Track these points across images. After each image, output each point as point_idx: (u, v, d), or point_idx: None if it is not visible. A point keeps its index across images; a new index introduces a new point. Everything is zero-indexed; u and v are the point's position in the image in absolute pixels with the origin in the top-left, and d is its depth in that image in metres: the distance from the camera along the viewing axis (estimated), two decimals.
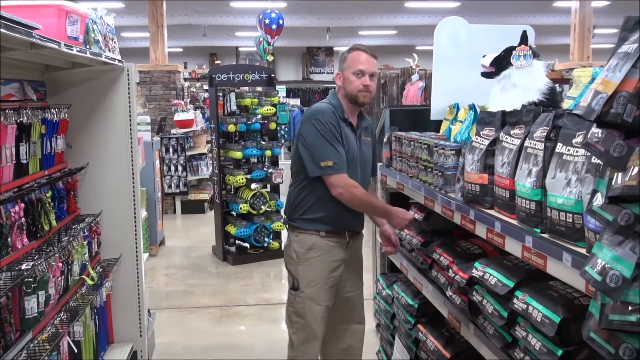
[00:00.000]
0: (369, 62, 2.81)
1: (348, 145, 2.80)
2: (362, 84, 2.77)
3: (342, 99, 2.86)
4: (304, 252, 2.86)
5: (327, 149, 2.72)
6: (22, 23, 2.07)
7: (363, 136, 2.93)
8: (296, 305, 2.86)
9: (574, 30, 9.94)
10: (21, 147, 2.57)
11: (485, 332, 2.18)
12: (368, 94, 2.81)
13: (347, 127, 2.83)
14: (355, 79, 2.78)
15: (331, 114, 2.78)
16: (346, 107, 2.85)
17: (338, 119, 2.79)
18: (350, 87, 2.80)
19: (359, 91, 2.78)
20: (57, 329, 2.70)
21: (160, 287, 5.78)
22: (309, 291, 2.84)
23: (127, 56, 3.69)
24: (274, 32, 10.25)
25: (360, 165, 2.88)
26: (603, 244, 1.31)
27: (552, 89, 2.58)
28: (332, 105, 2.84)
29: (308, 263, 2.85)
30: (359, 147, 2.88)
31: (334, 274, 2.87)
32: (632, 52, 1.24)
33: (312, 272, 2.84)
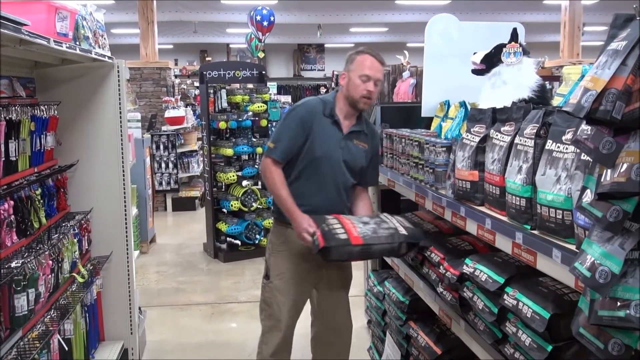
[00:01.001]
0: (376, 69, 2.79)
1: (320, 141, 2.77)
2: (366, 89, 2.76)
3: (341, 99, 2.84)
4: (277, 243, 2.90)
5: (280, 133, 2.80)
6: (11, 19, 2.06)
7: (356, 140, 2.88)
8: (265, 294, 2.91)
9: (564, 27, 9.99)
10: (10, 144, 2.55)
11: (476, 328, 2.19)
12: (368, 100, 2.80)
13: (332, 125, 2.81)
14: (359, 82, 2.76)
15: (310, 107, 2.81)
16: (341, 107, 2.84)
17: (318, 114, 2.79)
18: (354, 90, 2.78)
19: (362, 97, 2.77)
20: (48, 327, 2.68)
21: (151, 285, 5.76)
22: (277, 282, 2.86)
23: (117, 53, 3.67)
24: (265, 28, 10.22)
25: (337, 167, 2.82)
26: (592, 240, 1.32)
27: (542, 86, 2.59)
28: (322, 100, 2.86)
29: (279, 254, 2.88)
30: (344, 147, 2.83)
31: (305, 268, 2.85)
32: (621, 49, 1.25)
33: (281, 264, 2.87)
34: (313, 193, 2.79)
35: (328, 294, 2.99)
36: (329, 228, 2.59)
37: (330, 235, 2.55)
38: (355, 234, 2.57)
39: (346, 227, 2.60)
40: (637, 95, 1.21)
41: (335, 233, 2.56)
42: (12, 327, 2.35)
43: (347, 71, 2.82)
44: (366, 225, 2.64)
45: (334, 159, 2.81)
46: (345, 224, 2.63)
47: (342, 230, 2.58)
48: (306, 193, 2.79)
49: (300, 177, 2.81)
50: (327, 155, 2.79)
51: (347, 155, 2.85)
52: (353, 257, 2.65)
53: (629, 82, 1.21)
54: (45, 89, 3.33)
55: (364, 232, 2.58)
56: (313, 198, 2.79)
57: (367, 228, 2.61)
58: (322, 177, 2.80)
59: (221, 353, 4.14)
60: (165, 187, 9.01)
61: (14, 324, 2.37)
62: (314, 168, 2.79)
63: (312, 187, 2.80)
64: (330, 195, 2.82)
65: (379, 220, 2.71)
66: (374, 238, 2.58)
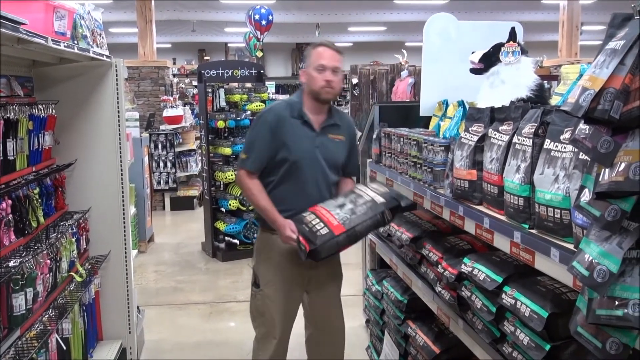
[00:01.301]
0: (332, 57, 2.73)
1: (294, 144, 2.72)
2: (324, 79, 2.70)
3: (306, 96, 2.79)
4: (264, 250, 2.85)
5: (251, 143, 2.77)
6: (9, 18, 2.05)
7: (331, 134, 2.83)
8: (257, 302, 2.86)
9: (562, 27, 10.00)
10: (8, 144, 2.54)
11: (474, 327, 2.19)
12: (330, 89, 2.72)
13: (302, 125, 2.76)
14: (317, 74, 2.71)
15: (277, 111, 2.77)
16: (309, 104, 2.78)
17: (286, 117, 2.74)
18: (313, 83, 2.73)
19: (322, 87, 2.70)
20: (46, 326, 2.68)
21: (149, 284, 5.76)
22: (267, 290, 2.81)
23: (115, 52, 3.67)
24: (263, 28, 10.22)
25: (317, 167, 2.78)
26: (590, 239, 1.32)
27: (541, 86, 2.60)
28: (288, 102, 2.82)
29: (267, 262, 2.83)
30: (319, 145, 2.77)
31: (294, 273, 2.81)
32: (619, 48, 1.25)
33: (270, 271, 2.82)
34: (295, 197, 2.73)
35: (319, 297, 2.93)
36: (309, 227, 2.56)
37: (312, 236, 2.52)
38: (335, 223, 2.53)
39: (324, 219, 2.56)
40: (635, 95, 1.21)
41: (316, 230, 2.53)
42: (10, 327, 2.35)
43: (306, 68, 2.79)
44: (343, 209, 2.60)
45: (311, 160, 2.75)
46: (322, 215, 2.59)
47: (321, 224, 2.54)
48: (288, 198, 2.74)
49: (281, 183, 2.76)
50: (304, 157, 2.74)
51: (325, 152, 2.79)
52: (342, 246, 2.59)
53: (627, 82, 1.21)
54: (43, 88, 3.33)
55: (343, 217, 2.55)
56: (296, 202, 2.72)
57: (345, 211, 2.58)
58: (302, 179, 2.74)
59: (219, 352, 4.14)
60: (163, 186, 9.00)
61: (12, 323, 2.36)
62: (292, 172, 2.74)
63: (293, 192, 2.75)
64: (312, 197, 2.74)
65: (354, 197, 2.67)
66: (354, 220, 2.55)
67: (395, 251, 3.24)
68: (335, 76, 2.73)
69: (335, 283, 3.00)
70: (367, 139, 4.16)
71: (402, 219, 3.17)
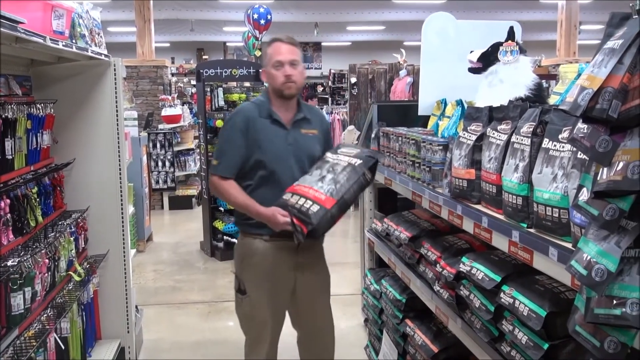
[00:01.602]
0: (287, 51, 2.68)
1: (266, 145, 2.66)
2: (283, 74, 2.65)
3: (272, 95, 2.75)
4: (246, 256, 2.77)
5: (221, 149, 2.72)
6: (7, 17, 2.05)
7: (303, 129, 2.77)
8: (244, 308, 2.79)
9: (561, 26, 10.01)
10: (6, 143, 2.54)
11: (473, 327, 2.19)
12: (292, 84, 2.67)
13: (272, 124, 2.70)
14: (275, 72, 2.66)
15: (245, 113, 2.71)
16: (276, 102, 2.73)
17: (255, 118, 2.68)
18: (274, 81, 2.68)
19: (282, 83, 2.65)
20: (44, 326, 2.68)
21: (148, 283, 5.76)
22: (254, 295, 2.74)
23: (113, 51, 3.66)
24: (262, 27, 10.21)
25: (295, 159, 2.71)
26: (589, 238, 1.32)
27: (539, 85, 2.60)
28: (256, 103, 2.77)
29: (251, 268, 2.75)
30: (292, 142, 2.71)
31: (282, 279, 2.75)
32: (618, 48, 1.25)
33: (255, 277, 2.74)
34: (275, 198, 2.63)
35: (305, 298, 2.84)
36: (297, 208, 2.50)
37: (305, 215, 2.46)
38: (323, 198, 2.49)
39: (310, 197, 2.51)
40: (634, 94, 1.21)
41: (306, 209, 2.47)
42: (8, 326, 2.35)
43: (265, 67, 2.75)
44: (324, 180, 2.56)
45: (285, 158, 2.69)
46: (305, 193, 2.54)
47: (309, 202, 2.49)
48: (268, 199, 2.64)
49: (258, 186, 2.69)
50: (277, 157, 2.68)
51: (299, 148, 2.73)
52: (336, 218, 2.53)
53: (625, 81, 1.21)
54: (41, 87, 3.33)
55: (329, 189, 2.51)
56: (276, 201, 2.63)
57: (328, 182, 2.54)
58: (279, 180, 2.67)
59: (218, 351, 4.14)
60: (162, 185, 9.00)
61: (11, 323, 2.36)
62: (268, 174, 2.67)
63: (272, 193, 2.65)
64: None
65: (329, 166, 2.62)
66: (340, 189, 2.52)
67: (393, 250, 3.24)
68: (295, 69, 2.67)
69: (321, 283, 2.92)
70: (365, 138, 4.16)
71: (400, 218, 3.18)
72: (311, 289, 2.85)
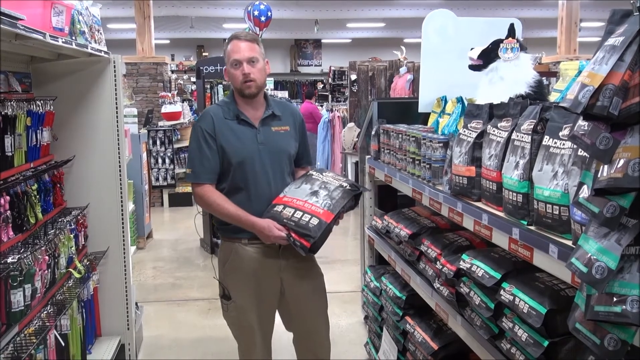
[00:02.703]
0: (243, 49, 2.59)
1: (233, 147, 2.60)
2: (241, 73, 2.58)
3: (236, 94, 2.69)
4: (228, 260, 2.70)
5: (191, 156, 2.65)
6: (6, 14, 2.05)
7: (274, 127, 2.69)
8: (231, 314, 2.74)
9: (561, 23, 9.99)
10: (6, 139, 2.54)
11: (473, 324, 2.19)
12: (251, 82, 2.59)
13: (239, 124, 2.64)
14: (233, 71, 2.60)
15: (209, 117, 2.64)
16: (241, 101, 2.67)
17: (220, 120, 2.63)
18: (233, 81, 2.63)
19: (241, 83, 2.59)
20: (44, 323, 2.68)
21: (148, 280, 5.76)
22: (240, 300, 2.69)
23: (113, 48, 3.66)
24: (262, 24, 10.19)
25: (270, 159, 2.64)
26: (589, 235, 1.32)
27: (539, 82, 2.60)
28: (220, 105, 2.72)
29: (235, 272, 2.69)
30: (263, 141, 2.64)
31: (266, 282, 2.68)
32: (619, 45, 1.24)
33: (240, 281, 2.68)
34: (251, 200, 2.60)
35: (296, 301, 2.77)
36: (294, 222, 2.47)
37: (304, 229, 2.45)
38: (321, 211, 2.49)
39: (306, 210, 2.49)
40: (634, 91, 1.21)
41: (305, 222, 2.45)
42: (8, 323, 2.35)
43: (225, 66, 2.68)
44: (319, 195, 2.56)
45: (258, 158, 2.62)
46: (300, 207, 2.51)
47: (307, 215, 2.47)
48: (244, 202, 2.59)
49: (233, 189, 2.63)
50: (247, 158, 2.61)
51: (271, 147, 2.65)
52: (330, 232, 2.54)
53: (626, 78, 1.21)
54: (41, 83, 3.32)
55: (326, 204, 2.52)
56: (253, 205, 2.59)
57: (323, 197, 2.55)
58: (253, 181, 2.61)
59: (218, 348, 4.14)
60: (162, 182, 9.00)
61: (11, 320, 2.37)
62: (241, 175, 2.61)
63: (246, 195, 2.62)
64: (268, 196, 2.62)
65: (320, 183, 2.62)
66: (337, 205, 2.53)
67: (393, 248, 3.24)
68: (253, 67, 2.59)
69: (312, 284, 2.83)
70: (365, 136, 4.16)
71: (400, 216, 3.17)
72: (301, 291, 2.77)
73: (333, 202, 2.54)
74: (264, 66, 2.67)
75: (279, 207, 2.55)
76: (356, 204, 2.70)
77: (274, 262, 2.67)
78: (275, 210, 2.54)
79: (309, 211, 2.50)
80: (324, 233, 2.49)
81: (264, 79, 2.67)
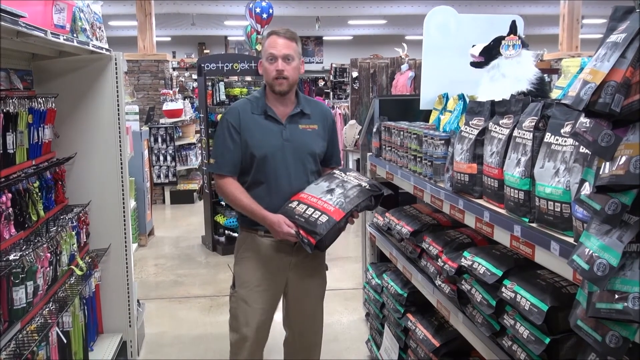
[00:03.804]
0: (281, 44, 2.58)
1: (257, 141, 2.60)
2: (275, 69, 2.58)
3: (267, 89, 2.68)
4: (241, 250, 2.74)
5: (215, 147, 2.70)
6: (8, 11, 2.05)
7: (301, 125, 2.69)
8: (231, 305, 2.75)
9: (563, 20, 9.98)
10: (8, 137, 2.54)
11: (474, 321, 2.19)
12: (283, 80, 2.59)
13: (266, 120, 2.64)
14: (268, 65, 2.60)
15: (236, 110, 2.66)
16: (271, 97, 2.67)
17: (247, 114, 2.63)
18: (267, 75, 2.62)
19: (274, 79, 2.59)
20: (46, 320, 2.69)
21: (149, 278, 5.77)
22: (242, 291, 2.70)
23: (114, 45, 3.66)
24: (264, 21, 10.18)
25: (293, 156, 2.64)
26: (591, 233, 1.32)
27: (541, 79, 2.59)
28: (250, 99, 2.72)
29: (243, 261, 2.72)
30: (288, 137, 2.64)
31: (272, 277, 2.69)
32: (621, 42, 1.24)
33: (246, 272, 2.70)
34: (270, 195, 2.62)
35: (296, 299, 2.79)
36: (304, 218, 2.47)
37: (313, 226, 2.44)
38: (332, 209, 2.48)
39: (318, 207, 2.49)
40: (636, 88, 1.21)
41: (315, 219, 2.45)
42: (10, 320, 2.35)
43: (261, 59, 2.67)
44: (333, 193, 2.55)
45: (281, 155, 2.62)
46: (313, 203, 2.51)
47: (317, 212, 2.47)
48: (263, 196, 2.61)
49: (254, 183, 2.65)
50: (270, 153, 2.61)
51: (296, 144, 2.65)
52: (341, 231, 2.55)
53: (627, 75, 1.21)
54: (42, 81, 3.32)
55: (339, 202, 2.51)
56: (272, 200, 2.61)
57: (337, 195, 2.54)
58: (274, 176, 2.62)
59: (219, 346, 4.14)
60: (163, 180, 9.01)
61: (13, 317, 2.37)
62: (263, 170, 2.62)
63: (267, 189, 2.63)
64: (287, 193, 2.62)
65: (339, 182, 2.62)
66: (349, 203, 2.52)
67: (395, 245, 3.24)
68: (288, 64, 2.59)
69: (316, 285, 2.84)
70: (367, 133, 4.16)
71: (402, 213, 3.17)
72: (304, 291, 2.78)
73: (346, 201, 2.53)
74: (299, 65, 2.68)
75: (293, 204, 2.57)
76: (376, 204, 2.68)
77: (285, 257, 2.69)
78: (289, 207, 2.56)
79: (320, 208, 2.50)
80: (332, 231, 2.48)
81: (296, 78, 2.68)
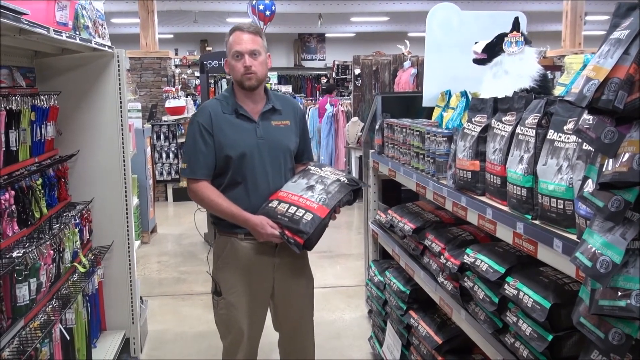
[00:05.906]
0: (247, 40, 2.53)
1: (230, 141, 2.54)
2: (243, 65, 2.52)
3: (235, 87, 2.62)
4: (222, 255, 2.66)
5: (187, 151, 2.60)
6: (10, 8, 2.05)
7: (274, 121, 2.64)
8: (219, 312, 2.69)
9: (566, 17, 9.95)
10: (11, 134, 2.55)
11: (477, 318, 2.19)
12: (252, 75, 2.53)
13: (238, 119, 2.58)
14: (234, 63, 2.54)
15: (206, 111, 2.59)
16: (241, 95, 2.61)
17: (218, 115, 2.57)
18: (234, 73, 2.56)
19: (242, 75, 2.53)
20: (49, 317, 2.70)
21: (152, 275, 5.78)
22: (230, 298, 2.64)
23: (117, 42, 3.66)
24: (267, 18, 10.18)
25: (268, 152, 2.59)
26: (593, 230, 1.31)
27: (544, 76, 2.59)
28: (219, 99, 2.66)
29: (227, 267, 2.65)
30: (262, 135, 2.58)
31: (259, 280, 2.64)
32: (624, 38, 1.24)
33: (231, 277, 2.64)
34: (249, 195, 2.57)
35: (284, 300, 2.74)
36: (288, 217, 2.44)
37: (297, 225, 2.41)
38: (315, 206, 2.46)
39: (301, 205, 2.46)
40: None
41: (299, 218, 2.42)
42: (13, 317, 2.36)
43: (226, 57, 2.61)
44: (314, 190, 2.53)
45: (256, 154, 2.56)
46: (295, 202, 2.48)
47: (301, 210, 2.44)
48: (242, 197, 2.56)
49: (231, 184, 2.58)
50: (246, 152, 2.55)
51: (269, 142, 2.60)
52: (326, 227, 2.51)
53: (631, 72, 1.21)
54: (45, 78, 3.33)
55: (321, 198, 2.49)
56: (251, 200, 2.56)
57: (319, 192, 2.52)
58: (251, 176, 2.57)
59: None
60: (166, 177, 9.03)
61: (16, 314, 2.38)
62: (238, 170, 2.55)
63: (246, 190, 2.57)
64: (266, 192, 2.58)
65: (317, 178, 2.60)
66: (332, 199, 2.50)
67: (397, 242, 3.24)
68: (255, 59, 2.54)
69: (302, 285, 2.79)
70: (369, 130, 4.15)
71: (404, 210, 3.17)
72: (291, 291, 2.74)
73: (328, 197, 2.51)
74: (266, 59, 2.62)
75: (274, 203, 2.52)
76: (355, 199, 2.67)
77: (268, 259, 2.63)
78: (270, 207, 2.52)
79: (303, 206, 2.47)
80: (319, 228, 2.46)
81: (265, 73, 2.62)
